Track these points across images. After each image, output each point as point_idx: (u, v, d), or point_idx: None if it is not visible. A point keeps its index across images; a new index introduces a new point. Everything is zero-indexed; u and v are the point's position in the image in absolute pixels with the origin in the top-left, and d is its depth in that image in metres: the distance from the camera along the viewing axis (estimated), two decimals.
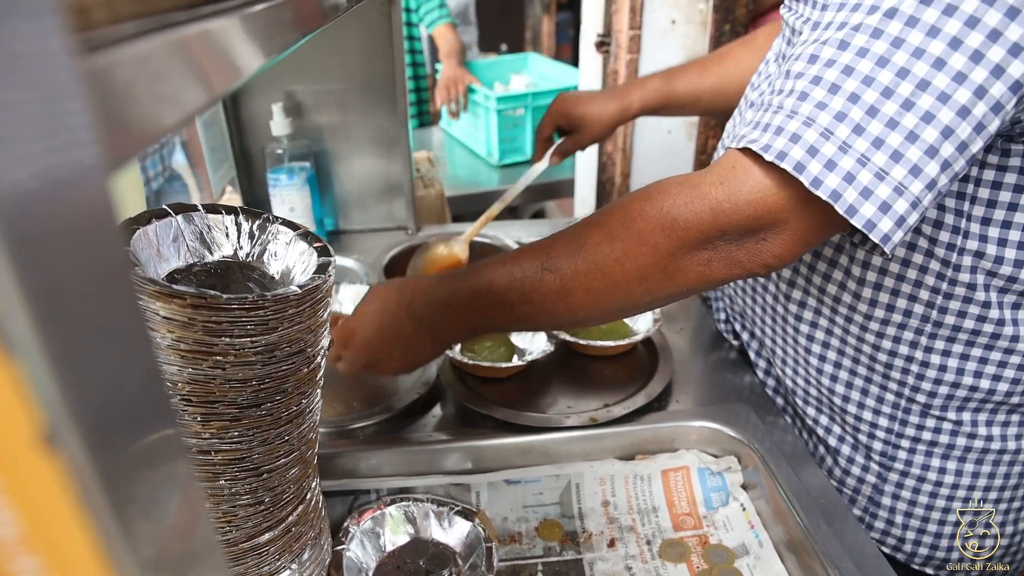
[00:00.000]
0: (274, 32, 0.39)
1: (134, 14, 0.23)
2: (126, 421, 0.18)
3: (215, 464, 0.58)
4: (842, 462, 0.91)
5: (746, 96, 0.96)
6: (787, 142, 0.62)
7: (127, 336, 0.18)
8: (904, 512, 0.88)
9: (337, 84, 1.42)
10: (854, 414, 0.87)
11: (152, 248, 0.59)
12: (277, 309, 0.55)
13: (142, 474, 0.19)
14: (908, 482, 0.86)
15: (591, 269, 0.70)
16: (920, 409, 0.83)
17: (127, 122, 0.21)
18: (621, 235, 0.68)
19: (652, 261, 0.68)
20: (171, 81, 0.24)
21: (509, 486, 0.89)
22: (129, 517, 0.18)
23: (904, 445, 0.85)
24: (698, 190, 0.66)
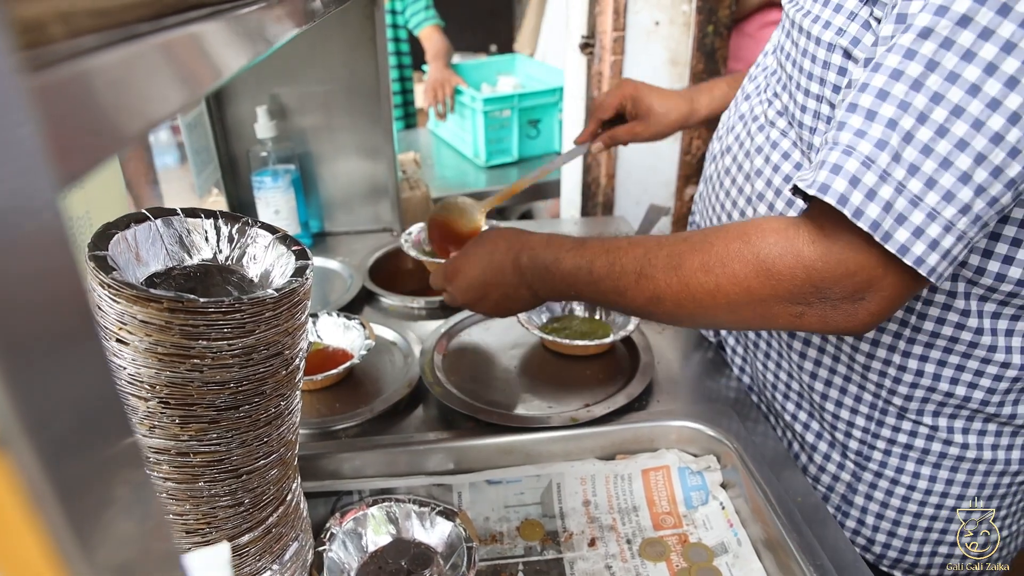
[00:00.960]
0: (242, 41, 0.39)
1: (93, 27, 0.24)
2: (79, 428, 0.19)
3: (194, 466, 0.58)
4: (818, 459, 0.92)
5: (743, 88, 0.97)
6: (828, 174, 0.62)
7: (80, 345, 0.19)
8: (876, 513, 0.88)
9: (321, 87, 1.42)
10: (832, 411, 0.88)
11: (131, 252, 0.59)
12: (254, 312, 0.55)
13: (97, 480, 0.20)
14: (881, 483, 0.87)
15: (684, 291, 0.71)
16: (896, 411, 0.84)
17: (85, 135, 0.21)
18: (717, 271, 0.69)
19: (744, 301, 0.68)
20: (133, 93, 0.25)
21: (490, 486, 0.89)
22: (83, 522, 0.18)
23: (879, 446, 0.86)
24: (793, 244, 0.66)
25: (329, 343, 1.09)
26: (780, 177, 0.84)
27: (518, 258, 0.84)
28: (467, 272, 0.88)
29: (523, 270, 0.83)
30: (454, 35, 2.88)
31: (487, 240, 0.88)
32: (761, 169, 0.86)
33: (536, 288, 0.84)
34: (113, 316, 0.52)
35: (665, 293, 0.72)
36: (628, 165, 1.95)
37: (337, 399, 1.01)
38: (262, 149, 1.38)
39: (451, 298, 0.92)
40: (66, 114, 0.20)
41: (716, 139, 1.01)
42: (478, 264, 0.87)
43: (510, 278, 0.85)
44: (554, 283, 0.82)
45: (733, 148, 0.93)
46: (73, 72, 0.21)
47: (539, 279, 0.83)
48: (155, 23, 0.29)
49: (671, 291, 0.72)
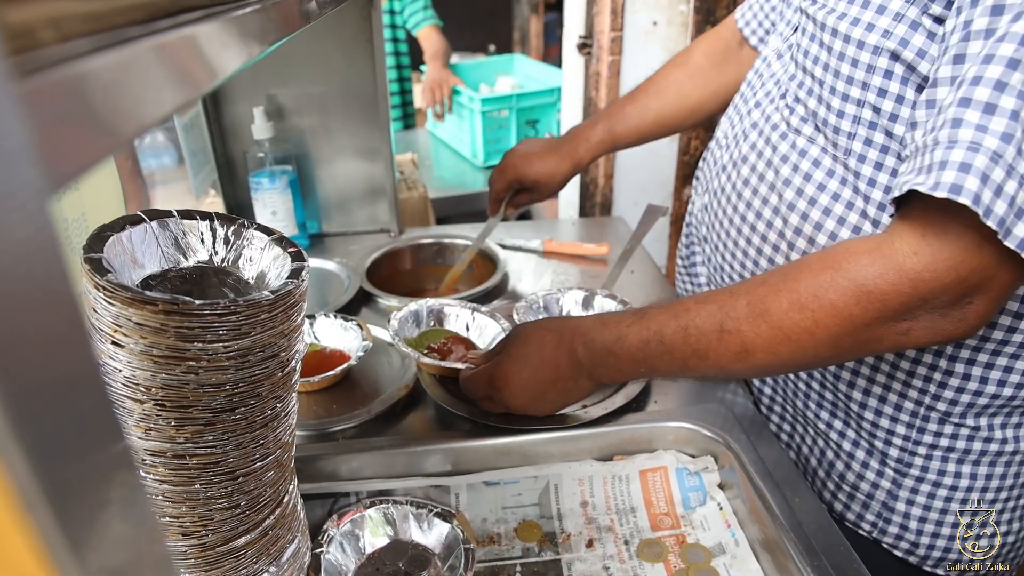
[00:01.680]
0: (236, 43, 0.39)
1: (84, 32, 0.24)
2: (70, 432, 0.19)
3: (190, 468, 0.58)
4: (856, 467, 0.91)
5: (743, 96, 0.96)
6: (957, 173, 0.59)
7: (70, 350, 0.19)
8: (919, 517, 0.88)
9: (319, 87, 1.42)
10: (871, 420, 0.87)
11: (127, 254, 0.59)
12: (250, 314, 0.55)
13: (88, 484, 0.20)
14: (923, 487, 0.86)
15: (777, 336, 0.68)
16: (939, 417, 0.83)
17: (76, 139, 0.21)
18: (812, 306, 0.66)
19: (845, 331, 0.66)
20: (124, 96, 0.25)
21: (488, 487, 0.89)
22: (75, 526, 0.18)
23: (921, 452, 0.85)
24: (892, 261, 0.63)
25: (326, 344, 1.09)
26: (813, 186, 0.82)
27: (573, 349, 0.81)
28: (518, 376, 0.84)
29: (580, 360, 0.81)
30: (453, 35, 2.88)
31: (531, 337, 0.84)
32: (789, 178, 0.84)
33: (598, 375, 0.81)
34: (108, 318, 0.52)
35: (755, 344, 0.69)
36: (626, 165, 1.96)
37: (334, 400, 1.01)
38: (259, 150, 1.38)
39: (499, 406, 0.88)
40: (57, 118, 0.20)
41: (720, 148, 0.99)
42: (529, 365, 0.83)
43: (567, 371, 0.82)
44: (619, 365, 0.79)
45: (750, 158, 0.90)
46: (63, 76, 0.21)
47: (600, 365, 0.80)
48: (147, 26, 0.29)
49: (761, 340, 0.69)
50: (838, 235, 0.80)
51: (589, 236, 1.55)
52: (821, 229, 0.81)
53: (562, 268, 1.40)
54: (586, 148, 1.25)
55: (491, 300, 1.27)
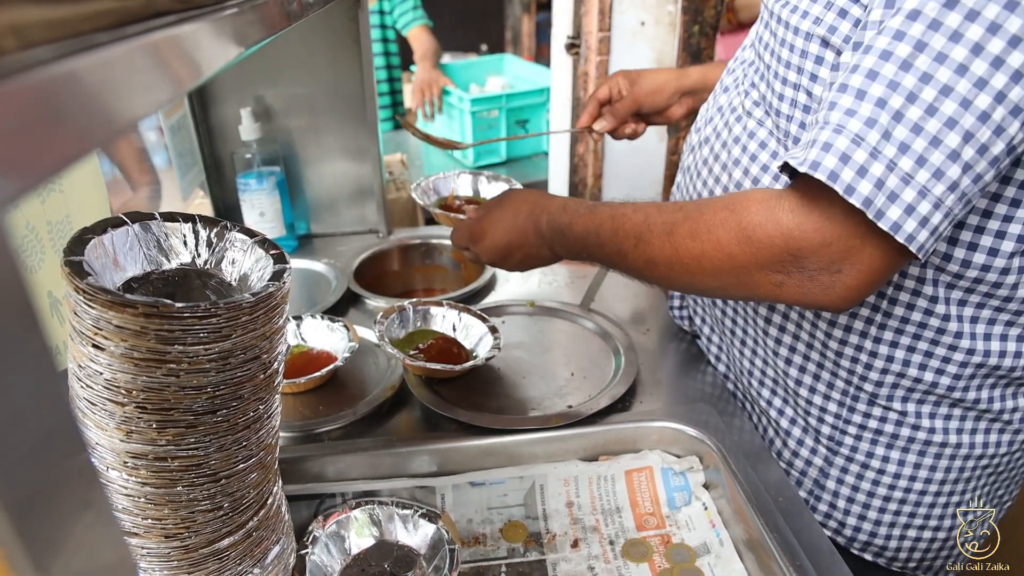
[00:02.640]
0: (214, 46, 0.39)
1: (47, 39, 0.24)
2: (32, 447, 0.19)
3: (172, 470, 0.58)
4: (792, 444, 0.93)
5: (722, 81, 0.98)
6: (819, 152, 0.64)
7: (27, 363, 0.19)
8: (847, 497, 0.90)
9: (306, 88, 1.42)
10: (806, 397, 0.90)
11: (108, 257, 0.59)
12: (230, 316, 0.55)
13: (49, 495, 0.20)
14: (852, 468, 0.89)
15: (674, 257, 0.75)
16: (867, 397, 0.85)
17: (34, 150, 0.22)
18: (703, 237, 0.72)
19: (727, 268, 0.71)
20: (89, 104, 0.25)
21: (474, 488, 0.90)
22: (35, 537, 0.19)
23: (851, 432, 0.88)
24: (773, 213, 0.68)
25: (313, 345, 1.09)
26: (758, 166, 0.85)
27: (538, 221, 0.88)
28: (492, 234, 0.92)
29: (543, 232, 0.88)
30: (445, 35, 2.88)
31: (510, 202, 0.93)
32: (739, 159, 0.88)
33: (555, 248, 0.89)
34: (89, 321, 0.52)
35: (659, 258, 0.76)
36: (615, 165, 1.96)
37: (320, 401, 1.01)
38: (247, 151, 1.38)
39: (475, 256, 0.97)
40: (12, 128, 0.20)
41: (694, 131, 1.02)
42: (502, 226, 0.91)
43: (532, 239, 0.89)
44: (568, 245, 0.86)
45: (711, 139, 0.94)
46: (23, 84, 0.21)
47: (557, 241, 0.87)
48: (117, 32, 0.29)
49: (664, 256, 0.76)
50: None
51: None
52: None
53: (550, 269, 1.40)
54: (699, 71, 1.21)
55: (478, 301, 1.27)
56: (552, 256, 0.91)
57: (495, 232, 0.92)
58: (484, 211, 0.96)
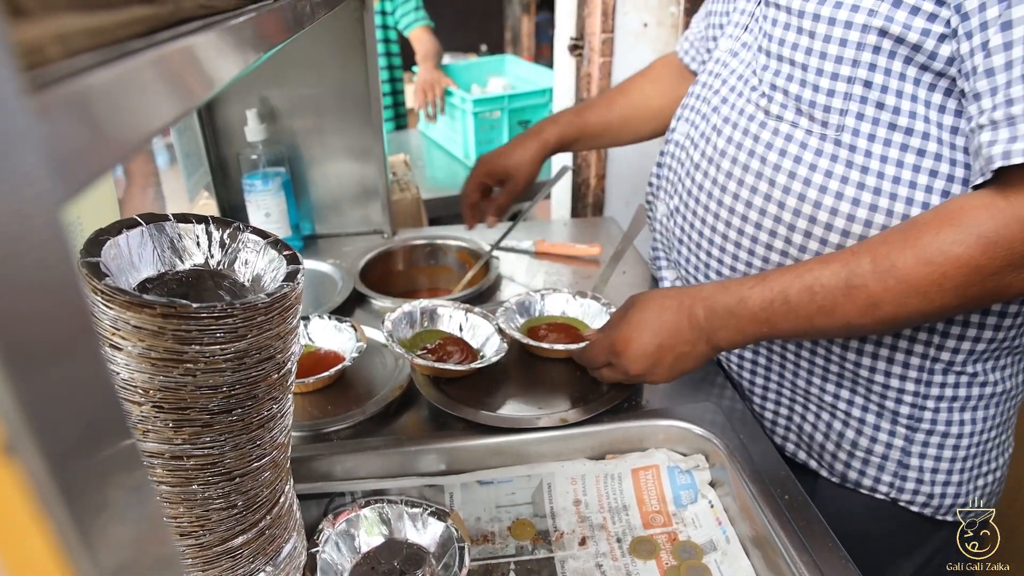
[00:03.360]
0: (234, 51, 0.40)
1: (89, 46, 0.24)
2: (82, 433, 0.19)
3: (188, 469, 0.59)
4: (868, 431, 0.93)
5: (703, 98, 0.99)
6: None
7: (80, 353, 0.19)
8: (931, 469, 0.92)
9: (312, 90, 1.43)
10: (881, 383, 0.90)
11: (124, 258, 0.60)
12: (246, 317, 0.56)
13: (100, 483, 0.21)
14: (933, 440, 0.90)
15: (905, 290, 0.72)
16: (943, 367, 0.87)
17: (86, 151, 0.22)
18: (938, 260, 0.70)
19: (973, 281, 0.69)
20: (128, 108, 0.26)
21: (482, 487, 0.90)
22: (87, 522, 0.19)
23: (930, 405, 0.89)
24: (1013, 211, 0.67)
25: (321, 346, 1.10)
26: (804, 167, 0.85)
27: (693, 313, 0.83)
28: (638, 340, 0.86)
29: (699, 323, 0.83)
30: (445, 35, 2.89)
31: (649, 302, 0.87)
32: (779, 164, 0.87)
33: (717, 338, 0.83)
34: (106, 322, 0.53)
35: (883, 298, 0.73)
36: (617, 167, 1.97)
37: (329, 401, 1.02)
38: (252, 152, 1.39)
39: (618, 372, 0.90)
40: (66, 131, 0.21)
41: (685, 150, 1.01)
42: (648, 329, 0.85)
43: (686, 335, 0.83)
44: (741, 326, 0.81)
45: (729, 151, 0.92)
46: (71, 90, 0.22)
47: (721, 327, 0.82)
48: (148, 39, 0.30)
49: (890, 294, 0.72)
50: (838, 209, 0.83)
51: (581, 237, 1.56)
52: (820, 206, 0.84)
53: (554, 269, 1.41)
54: (552, 129, 1.26)
55: (484, 301, 1.28)
56: (708, 351, 0.84)
57: (641, 337, 0.85)
58: (619, 322, 0.89)
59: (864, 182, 0.81)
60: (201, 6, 0.38)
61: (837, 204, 0.83)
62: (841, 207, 0.83)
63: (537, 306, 1.18)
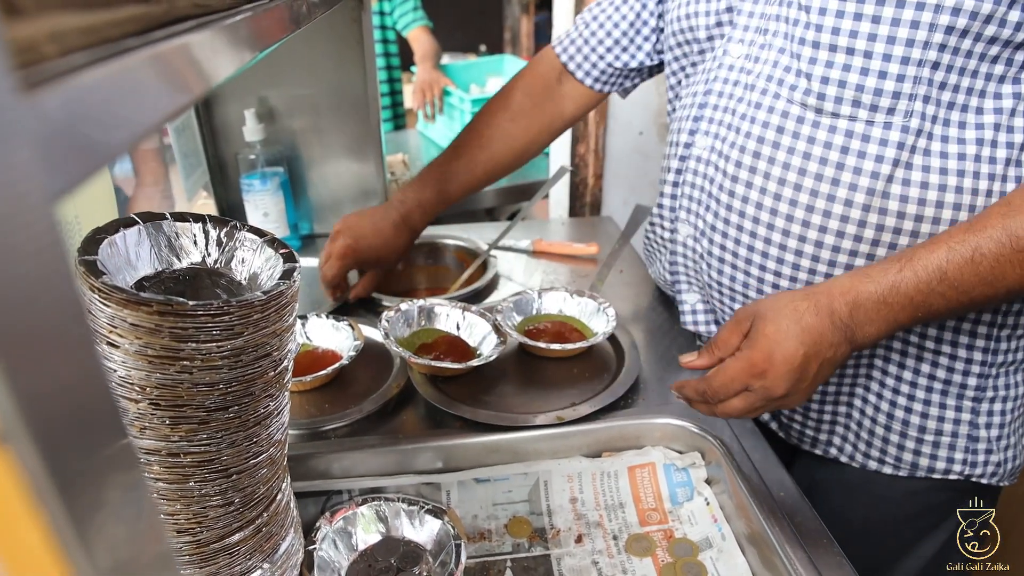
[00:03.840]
0: (230, 49, 0.40)
1: (83, 45, 0.25)
2: (75, 427, 0.20)
3: (184, 466, 0.59)
4: (934, 411, 0.91)
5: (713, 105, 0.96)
6: None
7: (73, 346, 0.20)
8: (996, 437, 0.92)
9: (309, 90, 1.43)
10: (948, 354, 0.89)
11: (121, 256, 0.60)
12: (242, 314, 0.56)
13: (94, 473, 0.21)
14: (996, 407, 0.91)
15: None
16: (1008, 333, 0.88)
17: (80, 147, 0.23)
18: None
19: None
20: (122, 105, 0.26)
21: (479, 484, 0.91)
22: (81, 511, 0.20)
23: (993, 372, 0.89)
24: None
25: (318, 344, 1.10)
26: (870, 160, 0.82)
27: (833, 311, 0.75)
28: (781, 354, 0.74)
29: (843, 320, 0.75)
30: (443, 35, 2.89)
31: (782, 310, 0.76)
32: (841, 161, 0.84)
33: (861, 335, 0.75)
34: (104, 319, 0.53)
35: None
36: (615, 166, 1.97)
37: (326, 400, 1.02)
38: (251, 152, 1.39)
39: (757, 398, 0.77)
40: (60, 128, 0.21)
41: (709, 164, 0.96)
42: (791, 337, 0.74)
43: (829, 336, 0.74)
44: (893, 315, 0.74)
45: (779, 157, 0.88)
46: (65, 88, 0.22)
47: (869, 321, 0.74)
48: (143, 37, 0.30)
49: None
50: (908, 195, 0.81)
51: (579, 236, 1.57)
52: (889, 196, 0.82)
53: (552, 267, 1.42)
54: (420, 215, 1.23)
55: (481, 300, 1.28)
56: (847, 352, 0.76)
57: (785, 349, 0.74)
58: (750, 341, 0.77)
59: (929, 165, 0.81)
60: (196, 5, 0.39)
61: (906, 191, 0.81)
62: (912, 193, 0.81)
63: (534, 305, 1.18)
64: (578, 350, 1.08)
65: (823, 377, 0.76)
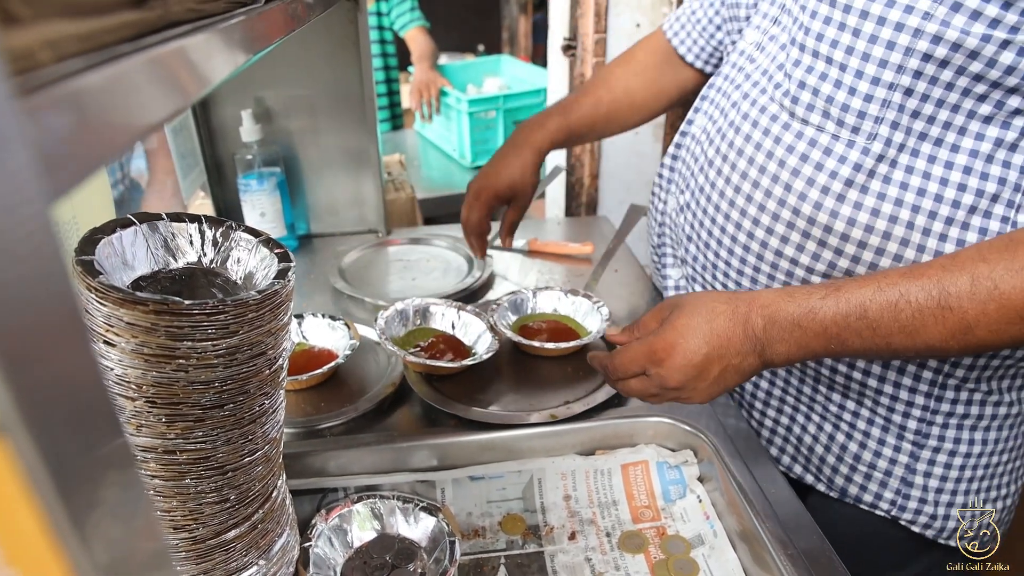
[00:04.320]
0: (225, 52, 0.41)
1: (79, 51, 0.25)
2: (73, 423, 0.21)
3: (181, 463, 0.60)
4: (872, 445, 0.90)
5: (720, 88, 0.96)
6: None
7: (68, 343, 0.20)
8: (936, 488, 0.89)
9: (306, 90, 1.44)
10: (889, 394, 0.87)
11: (118, 257, 0.61)
12: (237, 313, 0.57)
13: (91, 472, 0.22)
14: (940, 458, 0.87)
15: (1007, 316, 0.65)
16: (956, 383, 0.84)
17: (75, 151, 0.23)
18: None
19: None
20: (117, 108, 0.27)
21: (473, 482, 0.91)
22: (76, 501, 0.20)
23: (938, 421, 0.86)
24: None
25: (314, 343, 1.11)
26: (825, 174, 0.81)
27: (748, 321, 0.74)
28: (683, 348, 0.75)
29: (755, 333, 0.74)
30: (441, 35, 2.90)
31: (699, 307, 0.77)
32: (798, 168, 0.83)
33: (771, 352, 0.74)
34: (100, 319, 0.54)
35: (979, 321, 0.65)
36: (611, 166, 1.98)
37: (322, 398, 1.03)
38: (248, 152, 1.40)
39: (652, 384, 0.79)
40: (56, 132, 0.22)
41: (699, 144, 0.97)
42: (697, 335, 0.75)
43: (737, 345, 0.74)
44: (805, 340, 0.72)
45: (747, 151, 0.88)
46: (61, 94, 0.23)
47: (781, 340, 0.73)
48: (137, 43, 0.31)
49: (987, 319, 0.65)
50: (856, 219, 0.79)
51: (574, 235, 1.58)
52: (838, 216, 0.80)
53: (547, 267, 1.43)
54: (542, 135, 1.24)
55: (477, 299, 1.29)
56: (757, 366, 0.75)
57: (688, 344, 0.75)
58: (662, 326, 0.78)
59: (885, 192, 0.78)
60: (190, 9, 0.39)
61: (855, 215, 0.79)
62: (859, 217, 0.79)
63: (529, 304, 1.19)
64: (572, 349, 1.09)
65: (727, 382, 0.76)
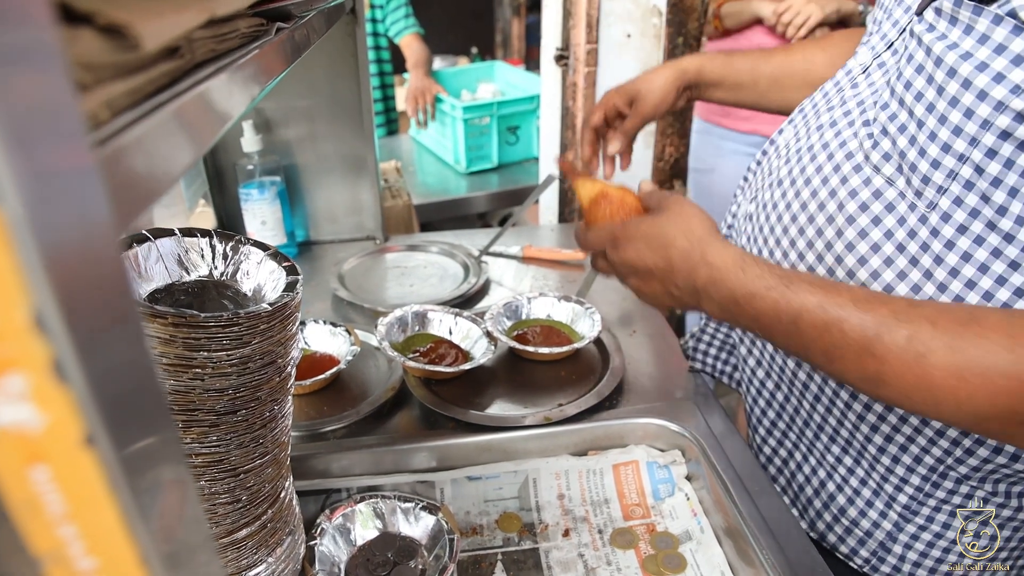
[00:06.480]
0: (243, 88, 0.45)
1: (128, 105, 0.29)
2: (141, 427, 0.24)
3: (196, 466, 0.63)
4: (859, 503, 0.86)
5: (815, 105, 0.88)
6: None
7: (138, 362, 0.24)
8: (912, 562, 0.84)
9: (305, 101, 1.47)
10: (886, 465, 0.82)
11: (134, 270, 0.65)
12: (250, 325, 0.61)
13: (155, 469, 0.25)
14: (924, 536, 0.83)
15: (920, 386, 0.60)
16: (957, 477, 0.78)
17: (136, 186, 0.27)
18: (975, 382, 0.57)
19: (1000, 416, 0.57)
20: (166, 148, 0.31)
21: (471, 482, 0.95)
22: (144, 500, 0.24)
23: (930, 504, 0.81)
24: None
25: (317, 349, 1.14)
26: (880, 231, 0.74)
27: (694, 270, 0.72)
28: (637, 249, 0.76)
29: (695, 284, 0.72)
30: (434, 38, 2.93)
31: (669, 225, 0.75)
32: (854, 216, 0.76)
33: (704, 303, 0.73)
34: None
35: (892, 380, 0.61)
36: None
37: (325, 403, 1.06)
38: (248, 162, 1.43)
39: (602, 263, 0.82)
40: (118, 177, 0.25)
41: (779, 159, 0.90)
42: (652, 246, 0.75)
43: (679, 281, 0.74)
44: (734, 316, 0.71)
45: (813, 181, 0.81)
46: (119, 145, 0.27)
47: (713, 301, 0.72)
48: (171, 90, 0.35)
49: (902, 382, 0.60)
50: (894, 288, 0.73)
51: (568, 242, 1.61)
52: (878, 279, 0.74)
53: (541, 273, 1.46)
54: (693, 60, 1.12)
55: (472, 305, 1.33)
56: (693, 305, 0.75)
57: (642, 249, 0.76)
58: (646, 221, 0.77)
59: (932, 272, 0.71)
60: (210, 50, 0.43)
61: (896, 283, 0.73)
62: (898, 288, 0.73)
63: (524, 310, 1.23)
64: (565, 353, 1.12)
65: (664, 302, 0.77)
